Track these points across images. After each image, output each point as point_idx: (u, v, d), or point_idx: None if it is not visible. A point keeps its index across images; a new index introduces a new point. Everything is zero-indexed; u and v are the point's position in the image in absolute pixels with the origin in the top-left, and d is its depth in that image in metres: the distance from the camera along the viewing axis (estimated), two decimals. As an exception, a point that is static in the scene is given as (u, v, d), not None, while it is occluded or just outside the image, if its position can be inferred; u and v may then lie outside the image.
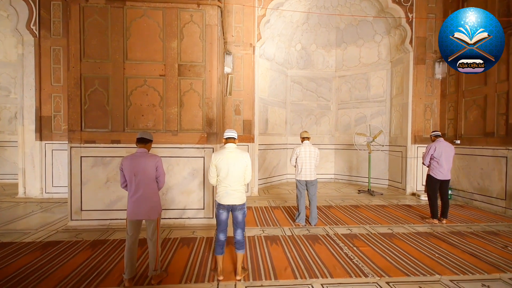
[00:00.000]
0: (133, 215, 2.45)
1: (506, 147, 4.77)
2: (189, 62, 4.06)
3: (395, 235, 3.78)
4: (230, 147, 2.60)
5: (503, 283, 2.54)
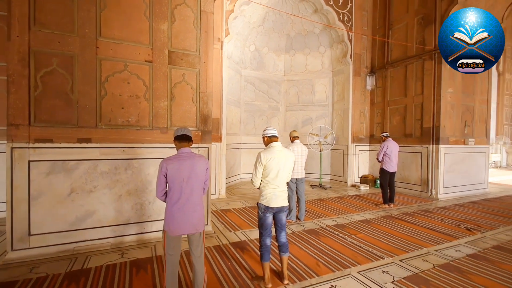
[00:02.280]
0: (179, 229, 2.00)
1: (421, 145, 6.35)
2: (181, 49, 3.55)
3: (369, 220, 4.44)
4: (278, 146, 2.48)
5: (465, 246, 3.44)
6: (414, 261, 2.95)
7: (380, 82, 7.51)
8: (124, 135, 3.24)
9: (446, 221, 4.42)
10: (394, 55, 7.12)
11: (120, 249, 3.13)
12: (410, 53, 6.66)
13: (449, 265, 2.86)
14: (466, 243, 3.50)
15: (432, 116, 6.18)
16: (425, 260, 2.99)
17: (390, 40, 7.18)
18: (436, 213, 4.93)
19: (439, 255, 3.13)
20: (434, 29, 6.12)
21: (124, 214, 3.27)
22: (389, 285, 2.46)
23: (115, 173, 3.21)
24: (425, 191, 6.26)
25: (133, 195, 3.31)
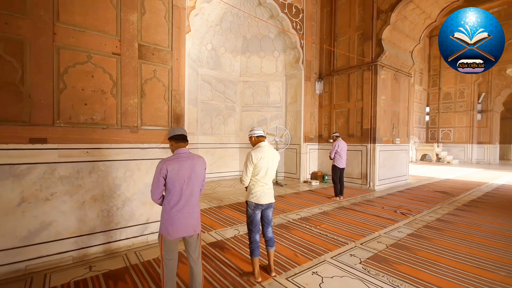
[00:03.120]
0: (178, 232, 1.95)
1: (361, 144, 7.32)
2: (152, 44, 3.34)
3: (327, 212, 4.95)
4: (266, 145, 2.61)
5: (404, 228, 4.17)
6: (371, 244, 3.47)
7: (327, 88, 8.34)
8: (88, 135, 2.89)
9: (385, 208, 5.25)
10: (339, 64, 8.01)
11: (85, 263, 2.79)
12: (352, 63, 7.61)
13: (398, 244, 3.46)
14: (404, 225, 4.25)
15: (370, 119, 7.20)
16: (379, 242, 3.54)
17: (335, 50, 8.04)
18: (377, 202, 5.79)
19: (388, 236, 3.74)
20: (371, 44, 7.14)
21: (88, 223, 2.92)
22: (358, 265, 2.85)
23: (77, 177, 2.84)
24: (365, 184, 7.25)
25: (99, 201, 2.98)
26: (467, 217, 4.69)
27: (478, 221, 4.45)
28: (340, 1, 8.02)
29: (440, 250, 3.26)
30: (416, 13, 7.19)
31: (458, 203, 5.76)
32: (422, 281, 2.53)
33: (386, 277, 2.60)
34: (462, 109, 15.97)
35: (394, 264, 2.88)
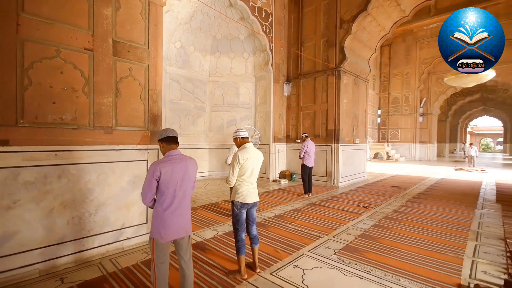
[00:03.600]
0: (171, 235, 1.94)
1: (326, 144, 7.82)
2: (128, 41, 3.19)
3: (299, 209, 5.22)
4: (251, 146, 2.71)
5: (368, 219, 4.60)
6: (342, 236, 3.78)
7: (295, 90, 8.72)
8: (56, 136, 2.66)
9: (350, 203, 5.72)
10: (306, 68, 8.44)
11: (55, 275, 2.57)
12: (318, 68, 8.08)
13: (364, 235, 3.83)
14: (367, 217, 4.70)
15: (334, 121, 7.73)
16: (348, 234, 3.87)
17: (302, 54, 8.45)
18: (342, 197, 6.27)
19: (355, 228, 4.11)
20: (335, 51, 7.68)
21: (57, 232, 2.69)
22: (333, 256, 3.11)
23: (44, 182, 2.59)
24: (330, 181, 7.77)
25: (70, 207, 2.76)
26: (417, 208, 5.36)
27: (426, 211, 5.12)
28: (306, 9, 8.45)
29: (399, 238, 3.70)
30: (373, 25, 7.92)
31: (409, 196, 6.53)
32: (388, 265, 2.87)
33: (358, 265, 2.88)
34: (407, 112, 17.91)
35: (364, 252, 3.20)
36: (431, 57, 16.50)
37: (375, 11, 7.40)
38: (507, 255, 3.17)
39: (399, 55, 17.83)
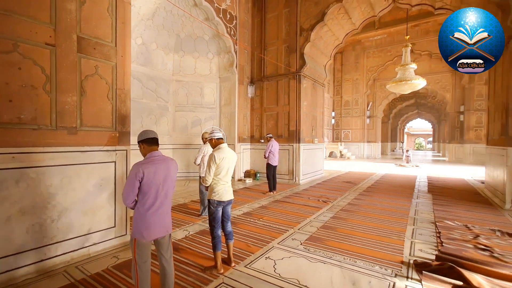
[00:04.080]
0: (154, 234, 1.99)
1: (288, 144, 8.27)
2: (94, 37, 3.06)
3: (265, 206, 5.49)
4: (226, 147, 2.85)
5: (327, 212, 5.07)
6: (306, 228, 4.15)
7: (258, 92, 9.02)
8: (13, 137, 2.45)
9: (311, 198, 6.19)
10: (269, 71, 8.80)
11: (14, 287, 2.37)
12: (280, 71, 8.50)
13: (325, 226, 4.25)
14: (327, 210, 5.18)
15: (295, 122, 8.22)
16: (311, 226, 4.25)
17: (265, 57, 8.79)
18: (303, 193, 6.74)
19: (317, 221, 4.52)
20: (296, 57, 8.17)
21: (15, 241, 2.47)
22: (300, 246, 3.41)
23: (0, 188, 2.37)
24: (292, 179, 8.24)
25: (29, 214, 2.56)
26: (367, 200, 6.06)
27: (374, 202, 5.83)
28: (269, 15, 8.81)
29: (353, 226, 4.20)
30: (328, 34, 8.62)
31: (360, 190, 7.30)
32: (346, 250, 3.28)
33: (322, 252, 3.23)
34: (357, 115, 19.69)
35: (325, 241, 3.58)
36: (376, 65, 18.43)
37: (330, 22, 8.07)
38: (437, 235, 3.86)
39: (349, 63, 19.50)
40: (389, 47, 17.63)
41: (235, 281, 2.57)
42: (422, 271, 2.73)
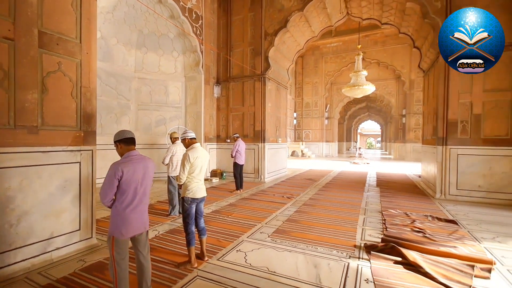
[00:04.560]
0: (132, 231, 2.06)
1: (254, 143, 8.56)
2: (56, 32, 2.93)
3: (233, 204, 5.68)
4: (199, 146, 2.98)
5: (291, 207, 5.45)
6: (273, 222, 4.45)
7: (224, 92, 9.15)
8: (-35, 137, 2.27)
9: (276, 195, 6.55)
10: (235, 72, 8.98)
11: (-32, 299, 2.21)
12: (246, 73, 8.75)
13: (289, 219, 4.59)
14: (291, 205, 5.57)
15: (260, 122, 8.55)
16: (277, 220, 4.57)
17: (231, 59, 8.95)
18: (269, 191, 7.08)
19: (282, 215, 4.86)
20: (261, 60, 8.49)
21: (-33, 249, 2.29)
22: (268, 239, 3.69)
23: (-50, 192, 2.18)
24: (257, 177, 8.55)
25: (-15, 219, 2.39)
26: (325, 194, 6.63)
27: (332, 196, 6.42)
28: (234, 17, 8.99)
29: (314, 218, 4.63)
30: (291, 40, 9.12)
31: (320, 186, 7.91)
32: (308, 239, 3.64)
33: (287, 242, 3.55)
34: (316, 116, 20.92)
35: (290, 232, 3.91)
36: (333, 70, 19.81)
37: (292, 29, 8.56)
38: (383, 222, 4.46)
39: (309, 66, 20.63)
40: (344, 54, 19.10)
41: (209, 273, 2.72)
42: (371, 251, 3.20)
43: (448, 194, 6.19)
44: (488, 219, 4.65)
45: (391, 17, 8.06)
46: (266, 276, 2.66)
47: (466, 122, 6.10)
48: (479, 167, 5.95)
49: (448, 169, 6.19)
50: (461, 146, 6.10)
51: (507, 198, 5.68)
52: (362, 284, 2.55)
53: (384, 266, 2.88)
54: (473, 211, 5.17)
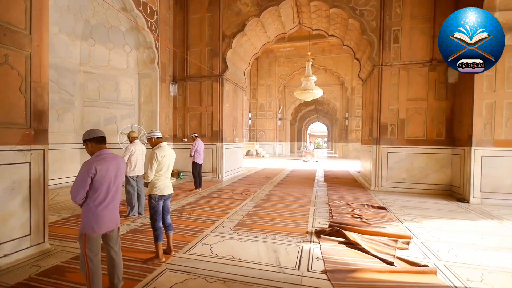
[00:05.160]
0: (105, 227, 2.11)
1: (212, 143, 8.66)
2: (4, 22, 2.70)
3: (193, 202, 5.76)
4: (165, 145, 3.07)
5: (250, 202, 5.78)
6: (234, 216, 4.71)
7: (181, 91, 9.04)
8: None
9: (234, 192, 6.82)
10: (192, 71, 8.95)
11: None
12: (204, 73, 8.80)
13: (249, 213, 4.91)
14: (249, 201, 5.90)
15: (218, 122, 8.71)
16: (238, 214, 4.84)
17: (188, 58, 8.90)
18: (227, 189, 7.30)
19: (242, 210, 5.15)
20: (219, 61, 8.65)
21: None
22: (230, 231, 3.94)
23: None
24: (215, 176, 8.69)
25: None
26: (280, 190, 7.15)
27: (286, 191, 6.97)
28: (192, 16, 8.94)
29: (271, 212, 5.04)
30: (248, 43, 9.49)
31: (275, 183, 8.45)
32: (267, 230, 4.01)
33: (249, 233, 3.85)
34: (270, 117, 21.82)
35: (250, 225, 4.23)
36: (286, 74, 20.94)
37: (250, 33, 8.93)
38: (329, 211, 5.11)
39: (264, 69, 21.40)
40: (296, 59, 20.35)
41: (178, 265, 2.86)
42: (320, 236, 3.71)
43: (380, 186, 7.29)
44: (409, 205, 5.70)
45: (336, 30, 9.04)
46: (232, 263, 2.92)
47: (394, 125, 7.27)
48: (403, 163, 7.16)
49: (380, 165, 7.29)
50: (390, 146, 7.25)
51: (423, 188, 6.98)
52: (314, 262, 3.00)
53: (331, 246, 3.40)
54: (399, 199, 6.24)
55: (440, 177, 6.92)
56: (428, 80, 7.00)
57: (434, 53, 6.88)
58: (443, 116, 6.95)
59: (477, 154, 5.91)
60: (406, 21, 7.10)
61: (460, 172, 6.37)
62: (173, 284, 2.49)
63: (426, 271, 2.76)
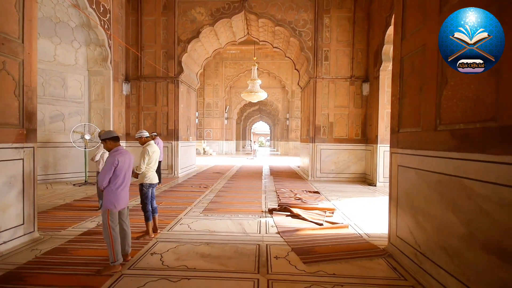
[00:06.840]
0: (122, 205, 2.78)
1: (167, 141, 9.06)
2: (2, 32, 2.98)
3: (157, 195, 6.27)
4: (153, 143, 3.75)
5: (210, 194, 6.62)
6: (200, 204, 5.51)
7: (135, 90, 9.15)
8: None
9: (193, 186, 7.52)
10: (147, 71, 9.16)
11: None
12: (159, 74, 9.12)
13: (212, 201, 5.77)
14: (209, 192, 6.73)
15: (174, 122, 9.17)
16: (203, 203, 5.65)
17: (143, 58, 9.08)
18: (185, 184, 7.93)
19: (205, 199, 5.96)
20: (174, 64, 9.11)
21: None
22: (201, 215, 4.76)
23: None
24: (171, 173, 9.14)
25: None
26: (234, 183, 8.15)
27: (239, 184, 8.01)
28: (145, 17, 9.13)
29: (231, 199, 6.01)
30: (201, 48, 10.16)
31: (228, 177, 9.40)
32: (230, 211, 4.97)
33: (216, 215, 4.75)
34: (217, 116, 22.52)
35: (216, 209, 5.12)
36: (232, 75, 21.94)
37: (204, 39, 9.63)
38: (277, 196, 6.36)
39: (211, 69, 21.96)
40: (242, 62, 21.53)
41: (166, 238, 3.60)
42: (272, 212, 4.88)
43: (315, 176, 8.99)
44: (336, 189, 7.40)
45: (280, 44, 10.48)
46: (209, 233, 3.81)
47: (325, 127, 9.05)
48: (332, 157, 8.99)
49: (315, 160, 8.99)
50: (323, 143, 9.00)
51: (346, 176, 8.93)
52: (269, 228, 4.11)
53: (281, 218, 4.58)
54: (329, 186, 7.95)
55: (358, 168, 8.97)
56: (349, 92, 8.97)
57: (353, 71, 8.87)
58: (360, 120, 9.01)
59: (381, 150, 8.01)
60: (333, 43, 8.92)
61: (371, 164, 8.46)
62: (168, 249, 3.26)
63: (341, 226, 4.17)
